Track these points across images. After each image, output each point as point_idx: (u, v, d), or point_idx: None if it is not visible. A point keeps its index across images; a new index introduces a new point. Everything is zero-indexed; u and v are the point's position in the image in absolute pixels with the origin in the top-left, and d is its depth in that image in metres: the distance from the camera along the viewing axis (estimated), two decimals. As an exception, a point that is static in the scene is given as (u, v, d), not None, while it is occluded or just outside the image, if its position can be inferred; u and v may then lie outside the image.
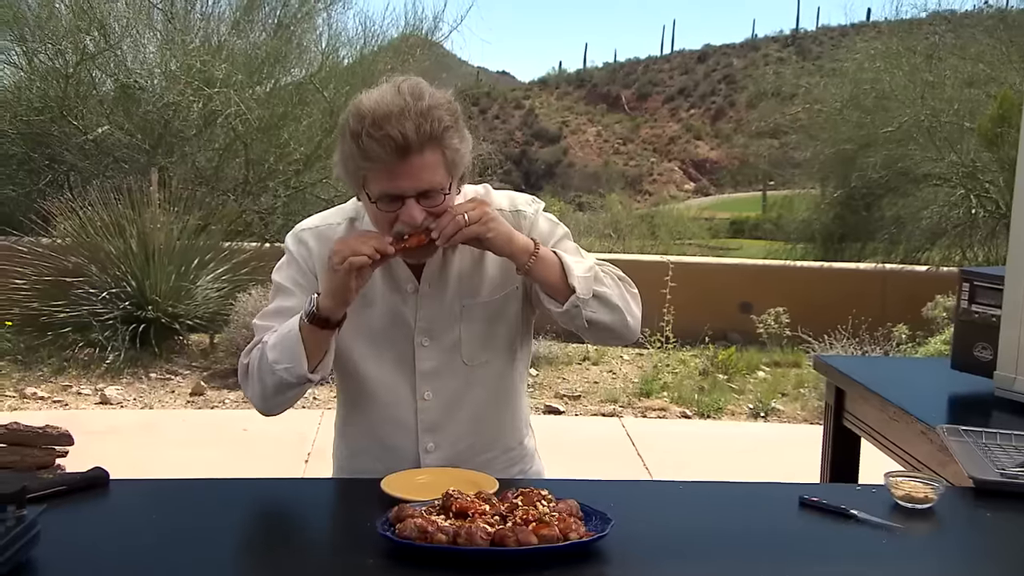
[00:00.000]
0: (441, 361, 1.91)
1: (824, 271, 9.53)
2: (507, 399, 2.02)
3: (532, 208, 1.95)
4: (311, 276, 1.92)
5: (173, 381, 6.66)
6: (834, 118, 11.91)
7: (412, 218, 1.73)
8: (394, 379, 1.92)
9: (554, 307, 1.83)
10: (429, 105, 1.70)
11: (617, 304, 1.84)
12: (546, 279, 1.80)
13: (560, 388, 6.86)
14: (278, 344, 1.81)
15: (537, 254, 1.78)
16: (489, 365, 1.94)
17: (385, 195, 1.74)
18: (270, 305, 1.95)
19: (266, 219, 9.57)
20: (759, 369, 7.59)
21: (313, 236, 1.94)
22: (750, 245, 21.97)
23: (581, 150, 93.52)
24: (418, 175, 1.71)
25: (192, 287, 7.31)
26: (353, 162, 1.73)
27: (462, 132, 1.77)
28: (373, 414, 1.96)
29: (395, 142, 1.67)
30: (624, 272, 1.94)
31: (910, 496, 1.69)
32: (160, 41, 9.48)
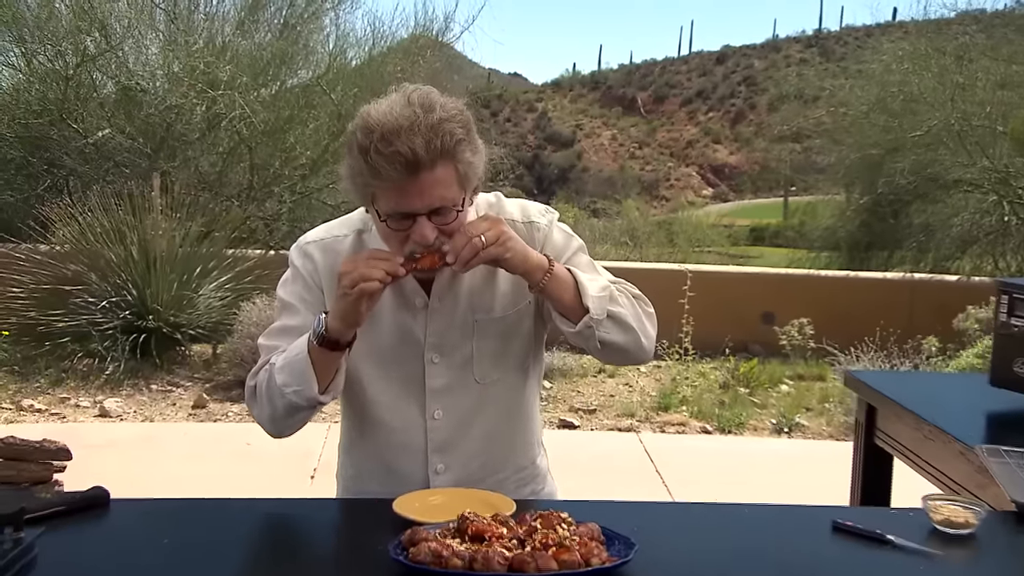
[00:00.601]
0: (452, 378, 1.89)
1: (850, 280, 9.48)
2: (519, 417, 2.00)
3: (546, 219, 1.94)
4: (317, 291, 1.90)
5: (174, 393, 6.66)
6: (860, 121, 11.84)
7: (424, 237, 1.71)
8: (402, 398, 1.90)
9: (567, 327, 1.81)
10: (440, 118, 1.67)
11: (632, 325, 1.83)
12: (559, 298, 1.79)
13: (575, 401, 6.84)
14: (286, 366, 1.79)
15: (551, 272, 1.77)
16: (501, 382, 1.93)
17: (395, 213, 1.72)
18: (276, 323, 1.94)
19: (271, 225, 9.58)
20: (782, 382, 7.55)
21: (318, 249, 1.92)
22: (771, 253, 21.91)
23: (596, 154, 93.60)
24: (429, 192, 1.68)
25: (194, 296, 7.32)
26: (361, 178, 1.71)
27: (475, 144, 1.75)
28: (380, 435, 1.94)
29: (404, 159, 1.64)
30: (641, 281, 1.92)
31: (949, 521, 1.66)
32: (163, 42, 9.52)
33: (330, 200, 9.65)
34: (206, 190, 9.19)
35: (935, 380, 4.25)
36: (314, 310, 1.86)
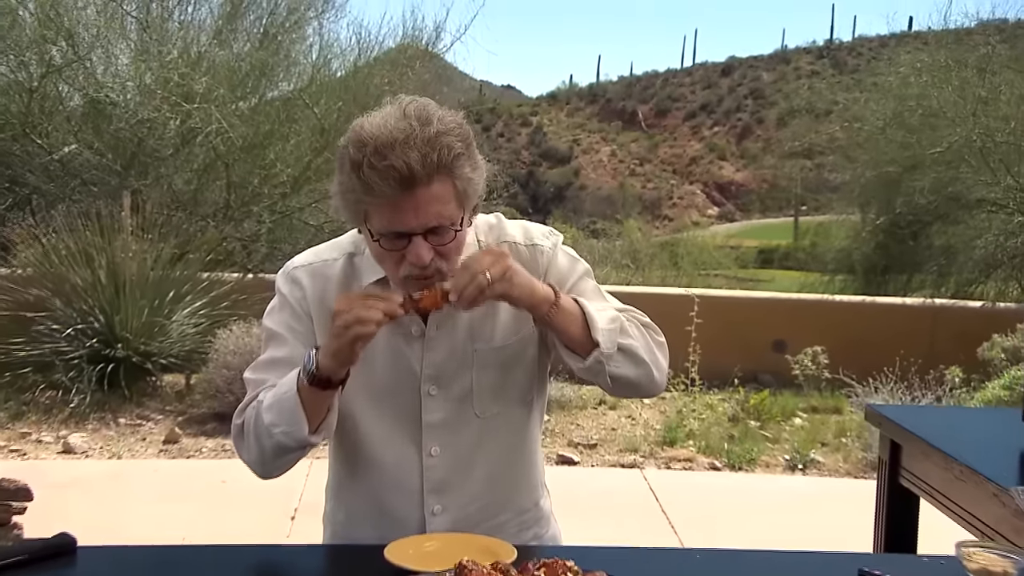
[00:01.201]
0: (450, 412, 1.88)
1: (866, 306, 9.48)
2: (522, 455, 1.99)
3: (550, 241, 1.94)
4: (306, 320, 1.89)
5: (144, 427, 6.61)
6: (876, 137, 11.91)
7: (419, 258, 1.70)
8: (397, 433, 1.88)
9: (575, 363, 1.80)
10: (438, 131, 1.67)
11: (644, 358, 1.82)
12: (567, 331, 1.78)
13: (574, 435, 6.81)
14: (275, 404, 1.78)
15: (558, 304, 1.76)
16: (503, 417, 1.91)
17: (389, 232, 1.71)
18: (262, 355, 1.92)
19: (249, 247, 9.56)
20: (795, 415, 7.53)
21: (307, 274, 1.91)
22: (782, 276, 21.97)
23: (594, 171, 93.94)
24: (425, 209, 1.67)
25: (167, 322, 7.28)
26: (353, 195, 1.70)
27: (475, 159, 1.74)
28: (372, 474, 1.92)
29: (399, 173, 1.63)
30: (645, 306, 1.92)
31: (986, 570, 1.63)
32: (134, 52, 9.53)
33: (312, 220, 9.65)
34: (180, 209, 9.17)
35: (963, 415, 4.23)
36: (303, 340, 1.85)
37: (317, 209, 9.69)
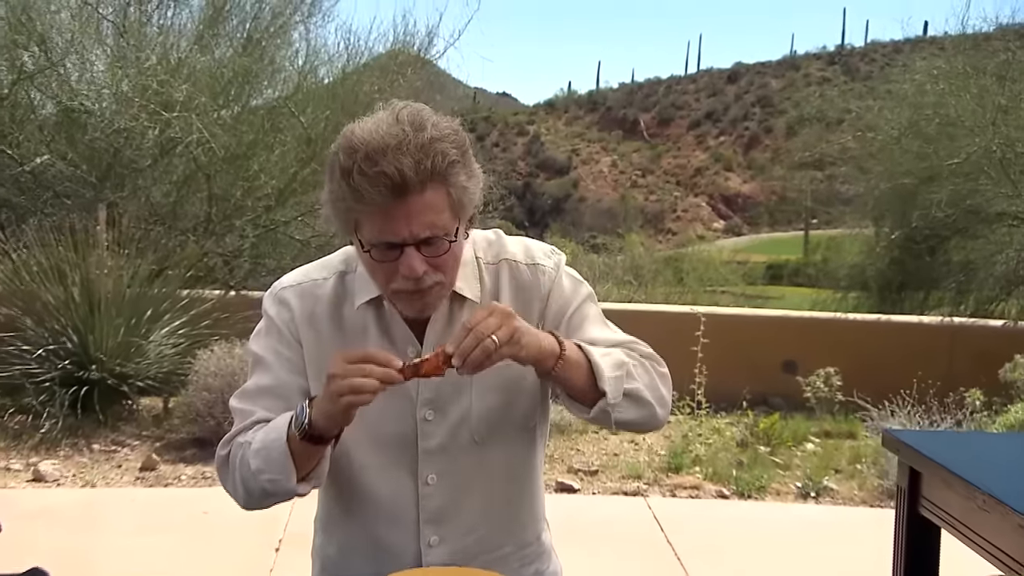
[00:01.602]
0: (447, 438, 1.87)
1: (881, 325, 9.48)
2: (524, 485, 1.99)
3: (552, 261, 1.94)
4: (295, 344, 1.89)
5: (120, 454, 6.58)
6: (890, 147, 11.93)
7: (412, 269, 1.70)
8: (392, 461, 1.88)
9: (580, 413, 1.82)
10: (432, 137, 1.67)
11: (649, 399, 1.84)
12: (573, 383, 1.79)
13: (574, 461, 6.79)
14: (263, 451, 1.77)
15: (564, 356, 1.76)
16: (503, 443, 1.91)
17: (380, 242, 1.71)
18: (249, 382, 1.92)
19: (231, 263, 9.55)
20: (807, 440, 7.51)
21: (295, 295, 1.91)
22: (792, 293, 21.99)
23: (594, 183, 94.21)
24: (418, 218, 1.68)
25: (144, 343, 7.26)
26: (343, 203, 1.70)
27: (471, 167, 1.75)
28: (366, 505, 1.91)
29: (391, 180, 1.64)
30: (649, 325, 1.95)
31: (1014, 607, 1.62)
32: (110, 58, 9.53)
33: (298, 234, 9.65)
34: (158, 223, 9.16)
35: (986, 441, 4.22)
36: (291, 367, 1.86)
37: (303, 223, 9.69)
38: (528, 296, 1.92)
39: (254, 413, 1.85)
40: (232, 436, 1.86)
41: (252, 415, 1.85)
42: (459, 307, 1.88)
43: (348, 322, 1.88)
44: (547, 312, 1.92)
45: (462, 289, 1.86)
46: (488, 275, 1.92)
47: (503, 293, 1.91)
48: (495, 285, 1.91)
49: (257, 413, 1.85)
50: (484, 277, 1.91)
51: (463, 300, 1.88)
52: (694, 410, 7.33)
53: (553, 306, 1.92)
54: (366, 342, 1.85)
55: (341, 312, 1.89)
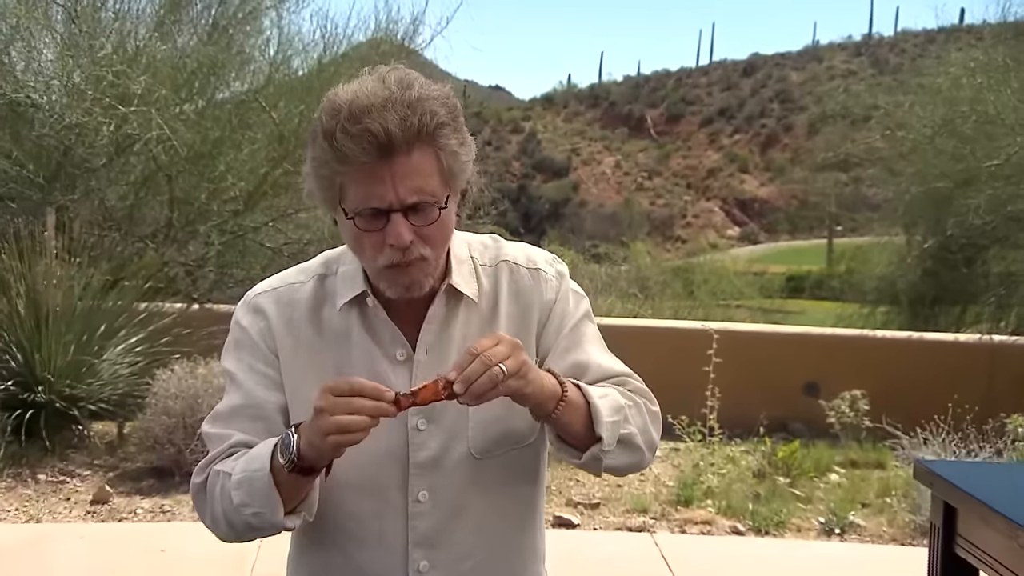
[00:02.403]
0: (442, 450, 1.87)
1: (913, 343, 9.49)
2: (525, 510, 1.99)
3: (554, 269, 1.98)
4: (271, 357, 1.89)
5: (69, 485, 6.56)
6: (922, 147, 11.95)
7: (399, 238, 1.73)
8: (379, 476, 1.87)
9: (570, 458, 1.85)
10: (419, 96, 1.71)
11: (640, 445, 1.89)
12: (569, 427, 1.81)
13: (573, 493, 6.78)
14: (245, 482, 1.76)
15: (565, 399, 1.78)
16: (503, 460, 1.91)
17: (365, 208, 1.73)
18: (222, 403, 1.92)
19: (195, 273, 9.54)
20: (831, 470, 7.52)
21: (271, 300, 1.92)
22: (814, 308, 22.02)
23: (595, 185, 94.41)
24: (404, 181, 1.71)
25: (96, 361, 7.25)
26: (327, 168, 1.73)
27: (463, 134, 1.79)
28: (345, 526, 1.89)
29: (375, 138, 1.67)
30: (656, 343, 1.99)
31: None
32: (60, 46, 9.52)
33: (269, 242, 9.65)
34: (113, 229, 9.16)
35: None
36: (268, 383, 1.87)
37: (275, 229, 9.69)
38: (527, 301, 1.94)
39: (231, 436, 1.85)
40: (209, 462, 1.86)
41: (229, 439, 1.85)
42: (456, 306, 1.89)
43: (328, 326, 1.90)
44: (548, 323, 1.94)
45: (459, 285, 1.88)
46: (486, 277, 1.94)
47: (502, 296, 1.93)
48: (494, 288, 1.93)
49: (235, 436, 1.85)
50: (482, 279, 1.93)
51: (460, 298, 1.89)
52: (706, 437, 7.33)
53: (555, 319, 1.94)
54: (349, 346, 1.86)
55: (320, 316, 1.90)
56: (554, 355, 1.93)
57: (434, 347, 1.88)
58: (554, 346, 1.94)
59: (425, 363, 1.87)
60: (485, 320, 1.91)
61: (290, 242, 9.57)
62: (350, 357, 1.86)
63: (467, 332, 1.90)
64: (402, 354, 1.87)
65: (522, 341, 1.85)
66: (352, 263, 1.90)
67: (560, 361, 1.92)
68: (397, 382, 1.85)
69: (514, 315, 1.93)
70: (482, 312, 1.91)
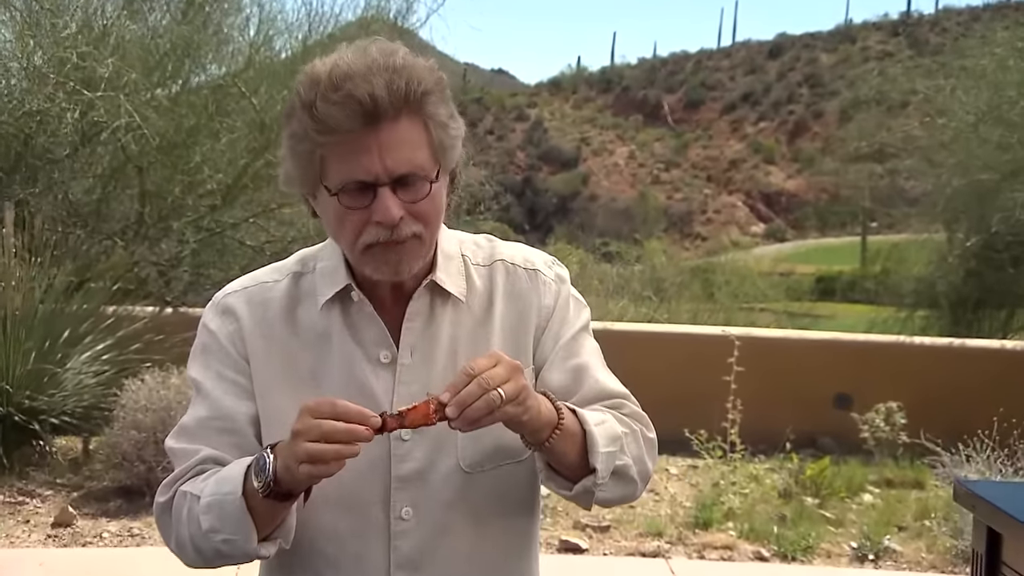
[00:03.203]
0: (427, 463, 1.86)
1: (954, 351, 9.48)
2: (518, 532, 1.98)
3: (552, 272, 1.98)
4: (241, 363, 1.88)
5: (28, 506, 6.55)
6: (965, 136, 11.95)
7: (387, 214, 1.72)
8: (358, 491, 1.85)
9: (560, 489, 1.84)
10: (404, 63, 1.72)
11: (634, 477, 1.89)
12: (563, 457, 1.81)
13: (581, 515, 6.77)
14: (215, 506, 1.74)
15: (561, 426, 1.77)
16: (496, 476, 1.90)
17: (349, 181, 1.73)
18: (188, 415, 1.90)
19: (168, 274, 9.54)
20: (865, 490, 7.52)
21: (242, 300, 1.91)
22: (846, 312, 22.01)
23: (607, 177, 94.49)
24: (393, 151, 1.71)
25: (59, 371, 7.25)
26: (306, 142, 1.73)
27: (450, 107, 1.79)
28: (320, 547, 1.88)
29: (360, 104, 1.68)
30: (672, 350, 1.98)
31: None
32: (20, 25, 9.54)
33: (250, 240, 9.66)
34: (78, 225, 9.17)
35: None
36: (238, 391, 1.86)
37: (256, 225, 9.70)
38: (524, 305, 1.93)
39: (198, 451, 1.83)
40: (174, 480, 1.84)
41: (196, 454, 1.84)
42: (442, 304, 1.88)
43: (304, 327, 1.89)
44: (546, 330, 1.94)
45: (443, 281, 1.87)
46: (479, 277, 1.93)
47: (496, 297, 1.92)
48: (488, 288, 1.93)
49: (203, 451, 1.83)
50: (474, 278, 1.92)
51: (447, 296, 1.88)
52: (726, 453, 7.31)
53: (553, 326, 1.94)
54: (328, 349, 1.85)
55: (295, 316, 1.89)
56: (549, 367, 1.93)
57: (418, 348, 1.87)
58: (550, 357, 1.93)
59: (410, 366, 1.86)
60: (477, 322, 1.90)
61: (272, 240, 9.58)
62: (328, 361, 1.85)
63: (456, 334, 1.89)
64: (386, 356, 1.86)
65: (518, 347, 1.87)
66: (331, 258, 1.89)
67: (555, 374, 1.92)
68: (379, 387, 1.85)
69: (510, 318, 1.92)
70: (474, 314, 1.90)
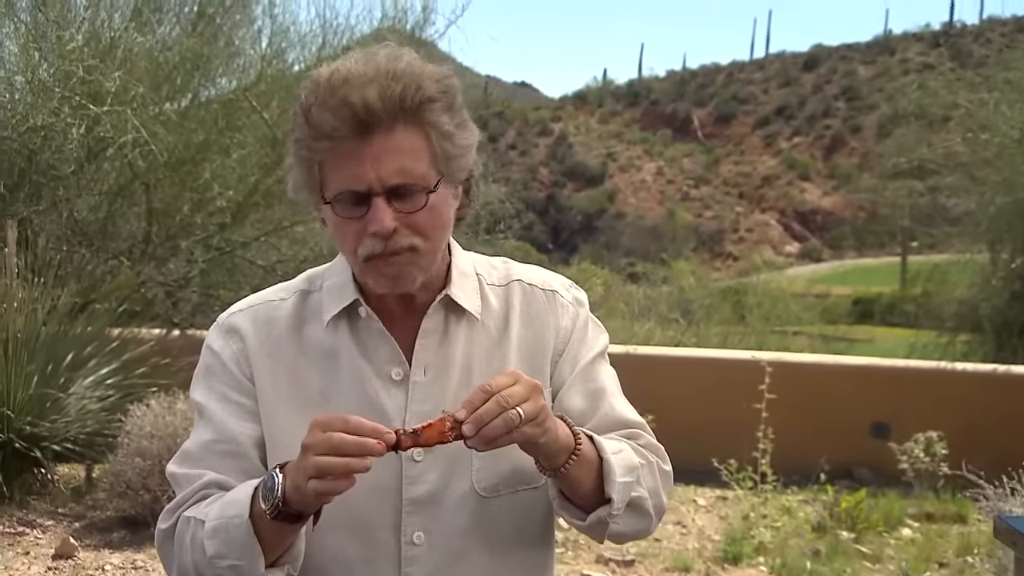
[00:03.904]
0: (441, 485, 1.86)
1: (999, 378, 9.42)
2: (536, 560, 1.97)
3: (570, 295, 1.99)
4: (246, 384, 1.89)
5: (29, 537, 6.56)
6: (1010, 152, 11.92)
7: (381, 224, 1.73)
8: (366, 513, 1.85)
9: (573, 519, 1.84)
10: (407, 70, 1.73)
11: (650, 511, 1.90)
12: (578, 484, 1.81)
13: (604, 549, 6.74)
14: (221, 530, 1.74)
15: (579, 452, 1.77)
16: (513, 501, 1.89)
17: (344, 191, 1.74)
18: (191, 439, 1.91)
19: (176, 295, 9.57)
20: (903, 524, 7.48)
21: (247, 320, 1.93)
22: (884, 336, 21.94)
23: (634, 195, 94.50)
24: (386, 160, 1.72)
25: (62, 396, 7.27)
26: (305, 149, 1.75)
27: (459, 115, 1.80)
28: (329, 574, 1.87)
29: (353, 111, 1.70)
30: (700, 375, 1.97)
31: None
32: (24, 36, 9.59)
33: (261, 259, 9.68)
34: (83, 244, 9.20)
35: None
36: (242, 413, 1.86)
37: (267, 244, 9.72)
38: (541, 326, 1.95)
39: (202, 476, 1.84)
40: (177, 506, 1.84)
41: (199, 479, 1.84)
42: (456, 321, 1.89)
43: (312, 345, 1.89)
44: (564, 353, 1.95)
45: (458, 297, 1.88)
46: (496, 297, 1.95)
47: (513, 318, 1.94)
48: (504, 309, 1.94)
49: (206, 476, 1.83)
50: (490, 298, 1.94)
51: (462, 313, 1.89)
52: (757, 484, 7.29)
53: (571, 350, 1.95)
54: (336, 368, 1.86)
55: (302, 334, 1.90)
56: (567, 391, 1.93)
57: (432, 366, 1.87)
58: (568, 381, 1.94)
59: (423, 385, 1.87)
60: (493, 342, 1.91)
61: (284, 259, 9.60)
62: (337, 380, 1.86)
63: (471, 353, 1.89)
64: (398, 373, 1.87)
65: (535, 369, 1.87)
66: (340, 274, 1.90)
67: (572, 399, 1.92)
68: (392, 405, 1.85)
69: (527, 339, 1.93)
70: (489, 333, 1.91)
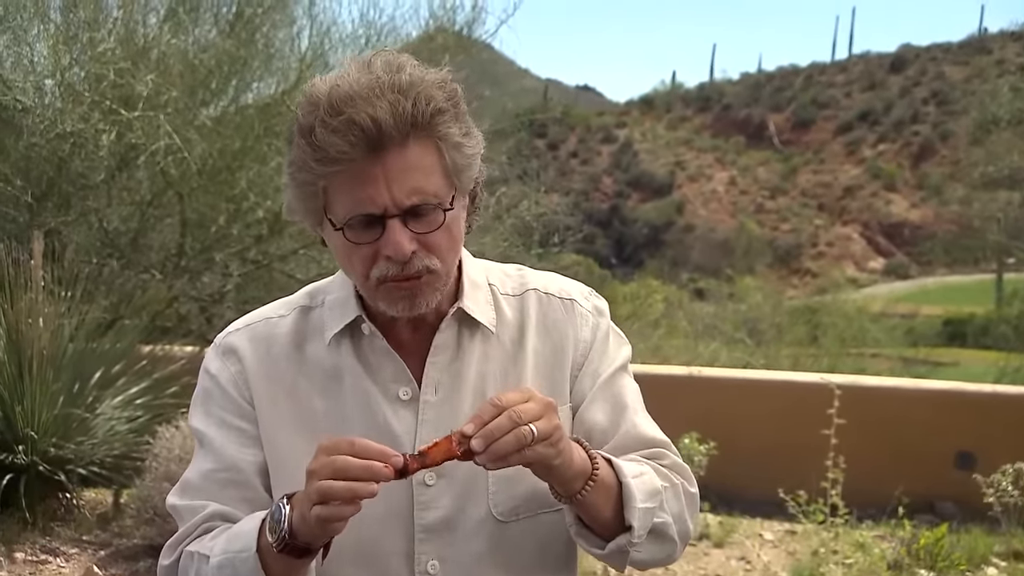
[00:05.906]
0: (456, 510, 1.87)
1: (1093, 405, 9.31)
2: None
3: (590, 304, 1.99)
4: (246, 407, 1.90)
5: (52, 565, 6.60)
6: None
7: (399, 248, 1.73)
8: (377, 541, 1.87)
9: (592, 547, 1.84)
10: (412, 80, 1.73)
11: (674, 537, 1.89)
12: (596, 512, 1.81)
13: (654, 583, 6.74)
14: (227, 565, 1.78)
15: (596, 477, 1.78)
16: (533, 526, 1.90)
17: (355, 215, 1.74)
18: (191, 469, 1.94)
19: (210, 310, 9.60)
20: (989, 563, 7.42)
21: (245, 339, 1.94)
22: (973, 358, 21.68)
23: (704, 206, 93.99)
24: (400, 180, 1.72)
25: (89, 416, 7.30)
26: (306, 172, 1.75)
27: (466, 124, 1.80)
28: None
29: (362, 130, 1.69)
30: (762, 400, 1.97)
31: None
32: (55, 39, 9.65)
33: (300, 273, 9.67)
34: (113, 257, 9.25)
35: None
36: (243, 439, 1.88)
37: (306, 257, 9.73)
38: (560, 336, 1.95)
39: (204, 508, 1.86)
40: (179, 541, 1.88)
41: (202, 511, 1.86)
42: (470, 336, 1.90)
43: (313, 364, 1.91)
44: (584, 366, 1.95)
45: (471, 310, 1.89)
46: (510, 308, 1.95)
47: (529, 329, 1.94)
48: (519, 320, 1.95)
49: (209, 507, 1.86)
50: (504, 309, 1.94)
51: (475, 327, 1.90)
52: (827, 517, 7.22)
53: (592, 362, 1.95)
54: (340, 388, 1.88)
55: (304, 353, 1.92)
56: (587, 407, 1.94)
57: (444, 384, 1.88)
58: (588, 395, 1.94)
59: (434, 404, 1.87)
60: (508, 357, 1.91)
61: (324, 272, 9.53)
62: (340, 401, 1.87)
63: (485, 369, 1.90)
64: (406, 392, 1.88)
65: (553, 383, 1.89)
66: (341, 289, 1.92)
67: (593, 414, 1.93)
68: (400, 427, 1.86)
69: (544, 352, 1.94)
70: (504, 347, 1.91)
